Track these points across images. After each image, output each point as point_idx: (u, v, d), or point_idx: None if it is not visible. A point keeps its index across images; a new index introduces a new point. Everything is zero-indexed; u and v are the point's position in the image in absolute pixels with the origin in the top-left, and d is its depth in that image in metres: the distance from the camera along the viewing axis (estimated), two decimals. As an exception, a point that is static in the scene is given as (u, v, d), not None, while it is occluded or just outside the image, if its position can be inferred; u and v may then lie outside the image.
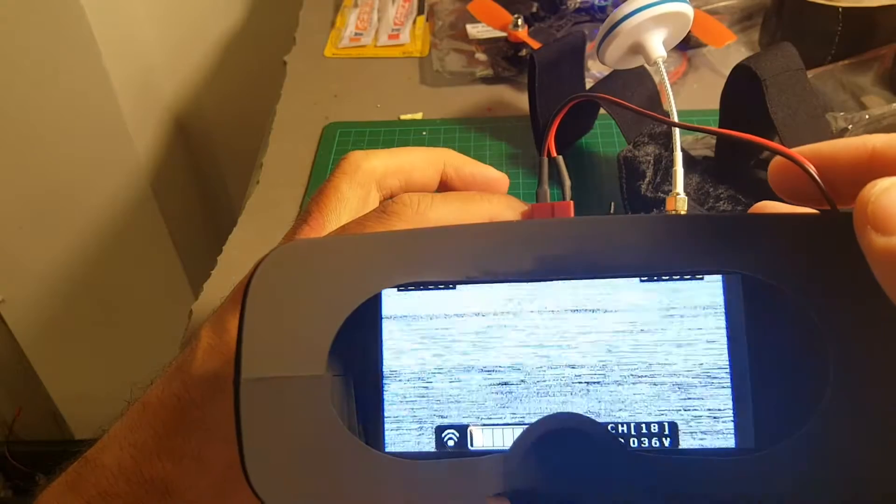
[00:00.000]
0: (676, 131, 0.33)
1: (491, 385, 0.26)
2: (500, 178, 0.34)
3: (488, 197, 0.30)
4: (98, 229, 1.02)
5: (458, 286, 0.27)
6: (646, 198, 0.48)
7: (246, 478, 0.23)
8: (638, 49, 0.41)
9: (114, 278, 1.08)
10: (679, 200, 0.30)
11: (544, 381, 0.26)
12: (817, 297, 0.22)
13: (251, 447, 0.23)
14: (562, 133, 0.28)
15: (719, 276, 0.26)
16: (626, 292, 0.26)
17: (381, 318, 0.27)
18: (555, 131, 0.29)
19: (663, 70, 0.40)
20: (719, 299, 0.26)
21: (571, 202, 0.28)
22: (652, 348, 0.26)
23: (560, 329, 0.26)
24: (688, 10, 0.41)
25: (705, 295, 0.26)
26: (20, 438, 1.23)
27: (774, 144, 0.24)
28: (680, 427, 0.26)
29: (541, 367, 0.26)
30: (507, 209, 0.29)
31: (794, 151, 0.23)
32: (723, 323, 0.26)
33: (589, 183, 0.56)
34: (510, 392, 0.26)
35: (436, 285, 0.27)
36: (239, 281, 0.32)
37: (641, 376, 0.26)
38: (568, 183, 0.29)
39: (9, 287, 1.08)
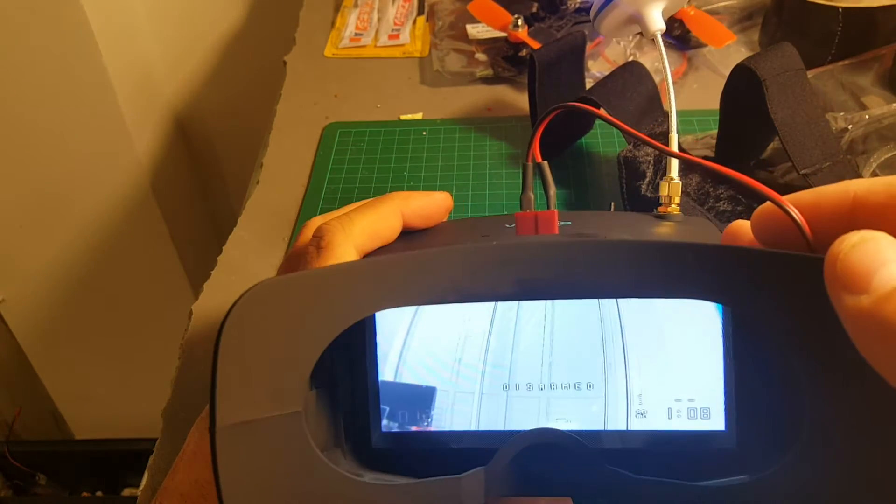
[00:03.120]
0: (673, 111, 0.32)
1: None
2: (443, 196, 0.34)
3: (395, 196, 0.31)
4: (98, 229, 1.02)
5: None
6: (646, 198, 0.48)
7: None
8: (636, 20, 0.40)
9: (114, 278, 1.08)
10: (673, 185, 0.30)
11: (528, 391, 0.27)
12: (794, 337, 0.21)
13: (230, 493, 0.23)
14: (562, 133, 0.28)
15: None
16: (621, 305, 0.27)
17: (375, 323, 0.28)
18: (540, 136, 0.28)
19: (661, 43, 0.39)
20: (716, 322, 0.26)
21: (556, 212, 0.27)
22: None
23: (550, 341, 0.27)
24: None
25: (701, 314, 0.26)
26: (20, 438, 1.23)
27: (759, 186, 0.24)
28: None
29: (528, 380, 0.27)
30: (436, 203, 0.32)
31: (783, 199, 0.23)
32: (720, 340, 0.26)
33: (589, 183, 0.56)
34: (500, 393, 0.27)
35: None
36: None
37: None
38: (553, 191, 0.28)
39: (9, 287, 1.08)
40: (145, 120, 0.97)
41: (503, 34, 0.66)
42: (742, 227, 0.25)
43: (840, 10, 0.57)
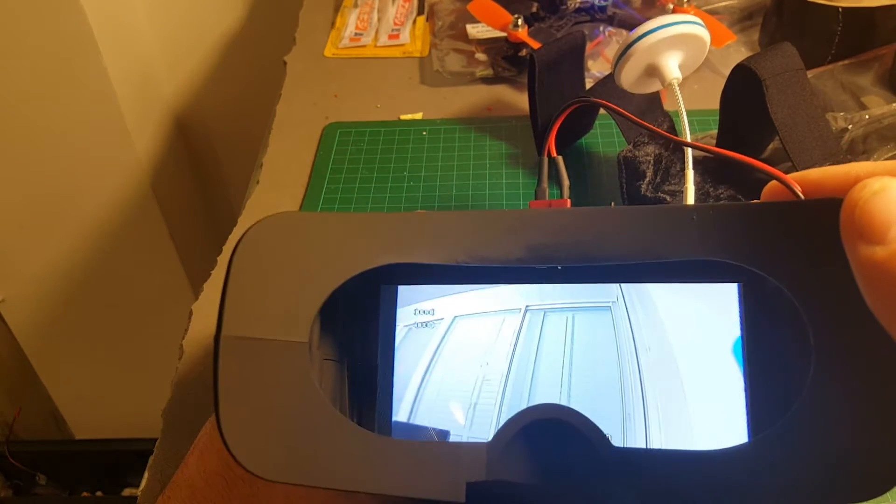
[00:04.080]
0: (687, 133, 0.33)
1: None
2: None
3: None
4: (98, 229, 1.02)
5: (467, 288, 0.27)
6: (646, 198, 0.48)
7: (220, 435, 0.23)
8: (653, 71, 0.41)
9: (114, 278, 1.08)
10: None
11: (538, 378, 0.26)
12: (802, 286, 0.21)
13: (227, 405, 0.23)
14: (562, 133, 0.29)
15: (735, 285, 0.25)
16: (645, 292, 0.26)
17: (396, 309, 0.28)
18: (556, 131, 0.29)
19: (678, 92, 0.39)
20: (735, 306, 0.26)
21: (569, 200, 0.28)
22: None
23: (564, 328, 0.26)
24: (703, 33, 0.41)
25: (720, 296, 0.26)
26: (20, 438, 1.23)
27: (766, 166, 0.24)
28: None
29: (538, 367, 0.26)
30: None
31: (787, 176, 0.23)
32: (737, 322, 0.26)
33: (589, 183, 0.56)
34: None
35: (440, 279, 0.27)
36: None
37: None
38: (567, 182, 0.29)
39: (9, 287, 1.08)
40: (145, 120, 0.97)
41: (503, 34, 0.66)
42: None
43: (840, 10, 0.57)
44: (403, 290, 0.28)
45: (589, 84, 0.59)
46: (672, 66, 0.41)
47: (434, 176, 0.58)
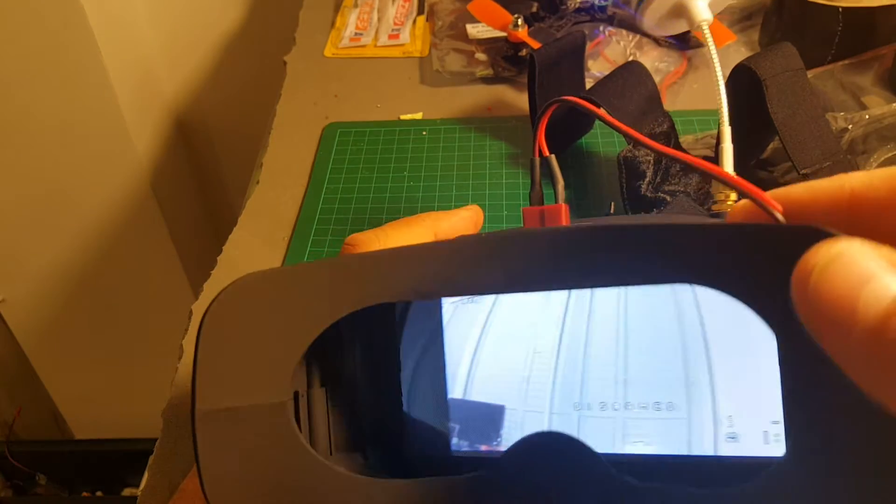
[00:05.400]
0: (717, 68, 0.29)
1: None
2: (471, 214, 0.33)
3: (427, 216, 0.30)
4: (98, 229, 1.02)
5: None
6: (646, 198, 0.48)
7: None
8: (681, 11, 0.39)
9: (114, 278, 1.08)
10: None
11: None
12: (779, 321, 0.19)
13: (212, 479, 0.22)
14: (561, 133, 0.27)
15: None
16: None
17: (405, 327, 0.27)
18: (544, 129, 0.27)
19: (708, 35, 0.36)
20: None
21: (564, 205, 0.26)
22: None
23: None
24: None
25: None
26: (20, 438, 1.23)
27: (740, 182, 0.20)
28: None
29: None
30: (465, 221, 0.31)
31: (764, 194, 0.20)
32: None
33: (589, 183, 0.56)
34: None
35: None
36: None
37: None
38: (561, 184, 0.26)
39: (9, 287, 1.08)
40: (145, 120, 0.97)
41: (503, 34, 0.66)
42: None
43: (840, 10, 0.57)
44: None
45: (589, 84, 0.59)
46: (702, 5, 0.38)
47: (434, 176, 0.58)
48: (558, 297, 0.26)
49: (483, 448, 0.26)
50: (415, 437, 0.28)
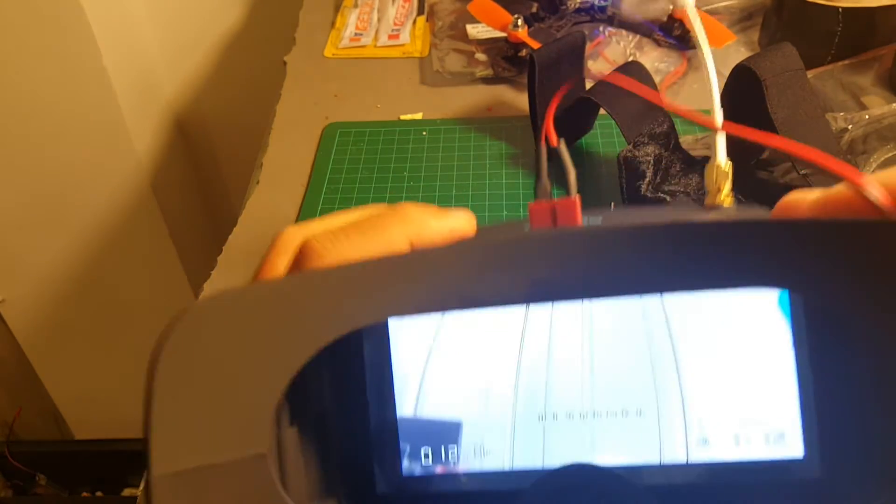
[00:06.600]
0: (714, 84, 0.29)
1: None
2: (463, 221, 0.24)
3: (406, 218, 0.22)
4: (98, 229, 1.02)
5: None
6: (646, 198, 0.48)
7: None
8: None
9: (114, 278, 1.08)
10: (720, 172, 0.27)
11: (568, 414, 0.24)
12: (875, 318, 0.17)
13: None
14: (561, 133, 0.25)
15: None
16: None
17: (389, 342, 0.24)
18: (552, 115, 0.24)
19: (694, 14, 0.35)
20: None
21: (577, 198, 0.22)
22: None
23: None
24: None
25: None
26: (20, 438, 1.23)
27: (838, 165, 0.18)
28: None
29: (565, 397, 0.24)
30: (453, 234, 0.23)
31: (860, 178, 0.18)
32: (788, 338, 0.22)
33: (589, 183, 0.56)
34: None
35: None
36: None
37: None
38: (573, 174, 0.23)
39: (9, 287, 1.08)
40: (145, 120, 0.97)
41: (503, 34, 0.66)
42: (799, 202, 0.20)
43: (840, 10, 0.57)
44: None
45: (589, 84, 0.59)
46: None
47: (434, 176, 0.58)
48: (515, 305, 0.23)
49: (438, 470, 0.24)
50: (381, 467, 0.25)
